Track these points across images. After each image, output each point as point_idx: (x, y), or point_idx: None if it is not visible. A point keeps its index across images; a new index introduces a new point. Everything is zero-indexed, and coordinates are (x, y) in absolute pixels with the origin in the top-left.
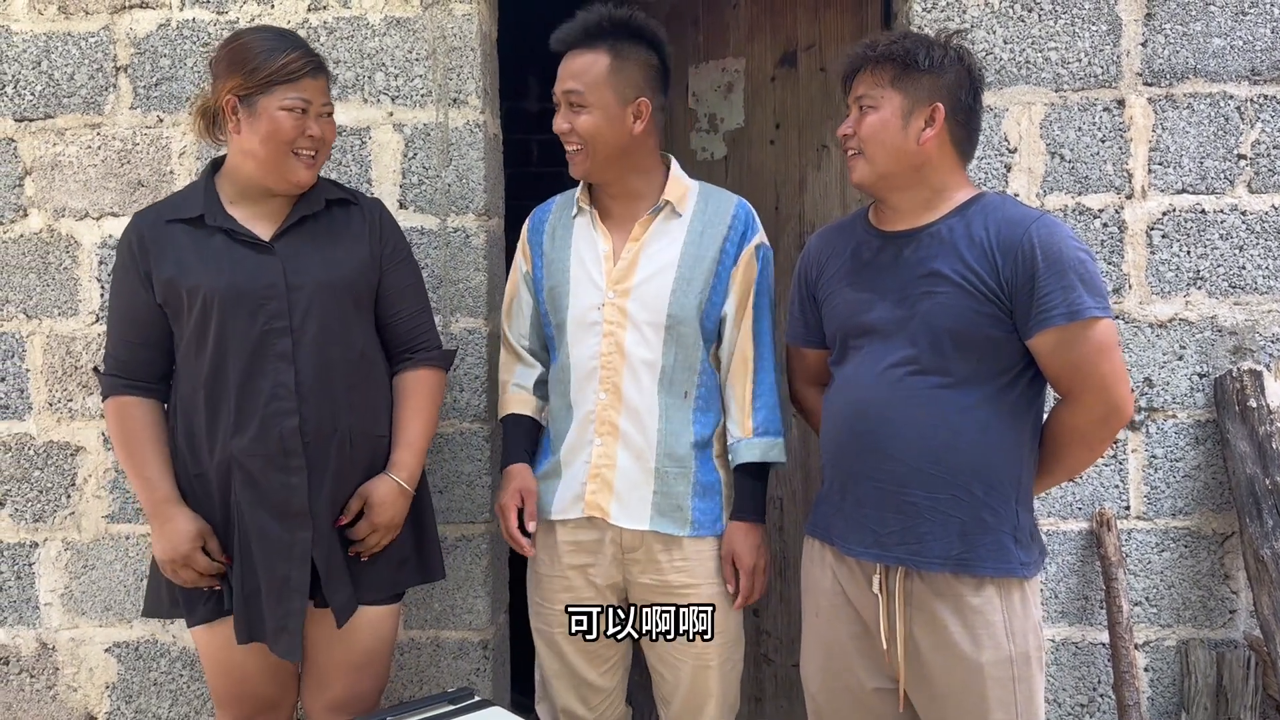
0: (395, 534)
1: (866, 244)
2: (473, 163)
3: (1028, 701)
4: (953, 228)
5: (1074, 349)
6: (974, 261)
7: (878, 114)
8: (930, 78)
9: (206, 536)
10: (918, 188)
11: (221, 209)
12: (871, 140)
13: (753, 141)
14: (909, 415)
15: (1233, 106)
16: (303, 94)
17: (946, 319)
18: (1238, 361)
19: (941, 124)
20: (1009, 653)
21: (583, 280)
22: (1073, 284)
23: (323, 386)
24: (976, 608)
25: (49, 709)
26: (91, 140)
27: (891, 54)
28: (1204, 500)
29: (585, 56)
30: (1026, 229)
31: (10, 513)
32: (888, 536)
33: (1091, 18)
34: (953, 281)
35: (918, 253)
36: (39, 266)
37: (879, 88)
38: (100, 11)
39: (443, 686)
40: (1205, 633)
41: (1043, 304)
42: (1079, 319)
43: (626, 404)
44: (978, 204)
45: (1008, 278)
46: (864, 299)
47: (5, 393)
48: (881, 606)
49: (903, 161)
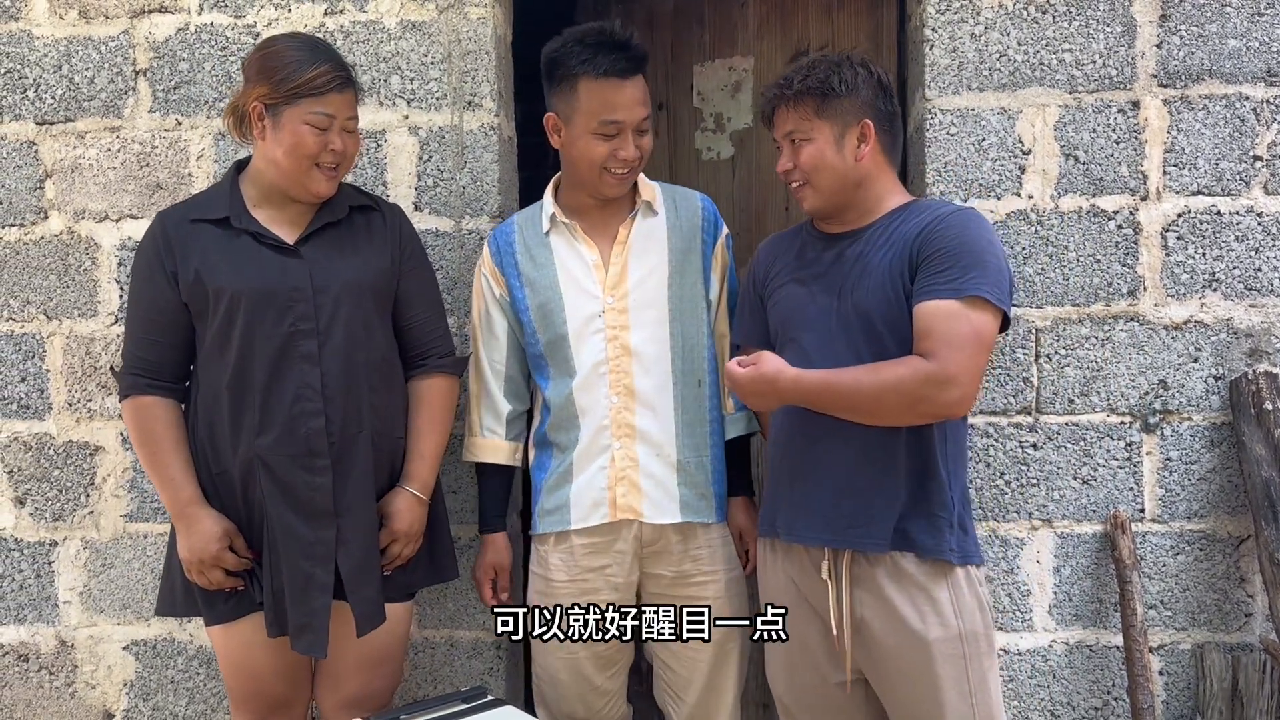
0: (417, 544)
1: (811, 245)
2: (487, 165)
3: (980, 682)
4: (887, 226)
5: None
6: (899, 253)
7: (813, 145)
8: (850, 100)
9: (232, 535)
10: (862, 197)
11: (246, 211)
12: (813, 170)
13: (761, 141)
14: None
15: (1248, 108)
16: (327, 109)
17: (876, 304)
18: (1253, 364)
19: (874, 137)
20: (957, 629)
21: (576, 293)
22: (969, 266)
23: (347, 388)
24: (921, 585)
25: (67, 706)
26: (111, 143)
27: (808, 88)
28: (1219, 503)
29: (639, 80)
30: (943, 216)
31: (30, 511)
32: (838, 520)
33: (1106, 19)
34: (883, 273)
35: (856, 249)
36: (59, 268)
37: (805, 121)
38: (120, 16)
39: (456, 685)
40: (1220, 636)
41: (937, 277)
42: (966, 295)
43: (641, 402)
44: (914, 205)
45: (914, 257)
46: (806, 293)
47: (25, 393)
48: (830, 591)
49: (846, 180)
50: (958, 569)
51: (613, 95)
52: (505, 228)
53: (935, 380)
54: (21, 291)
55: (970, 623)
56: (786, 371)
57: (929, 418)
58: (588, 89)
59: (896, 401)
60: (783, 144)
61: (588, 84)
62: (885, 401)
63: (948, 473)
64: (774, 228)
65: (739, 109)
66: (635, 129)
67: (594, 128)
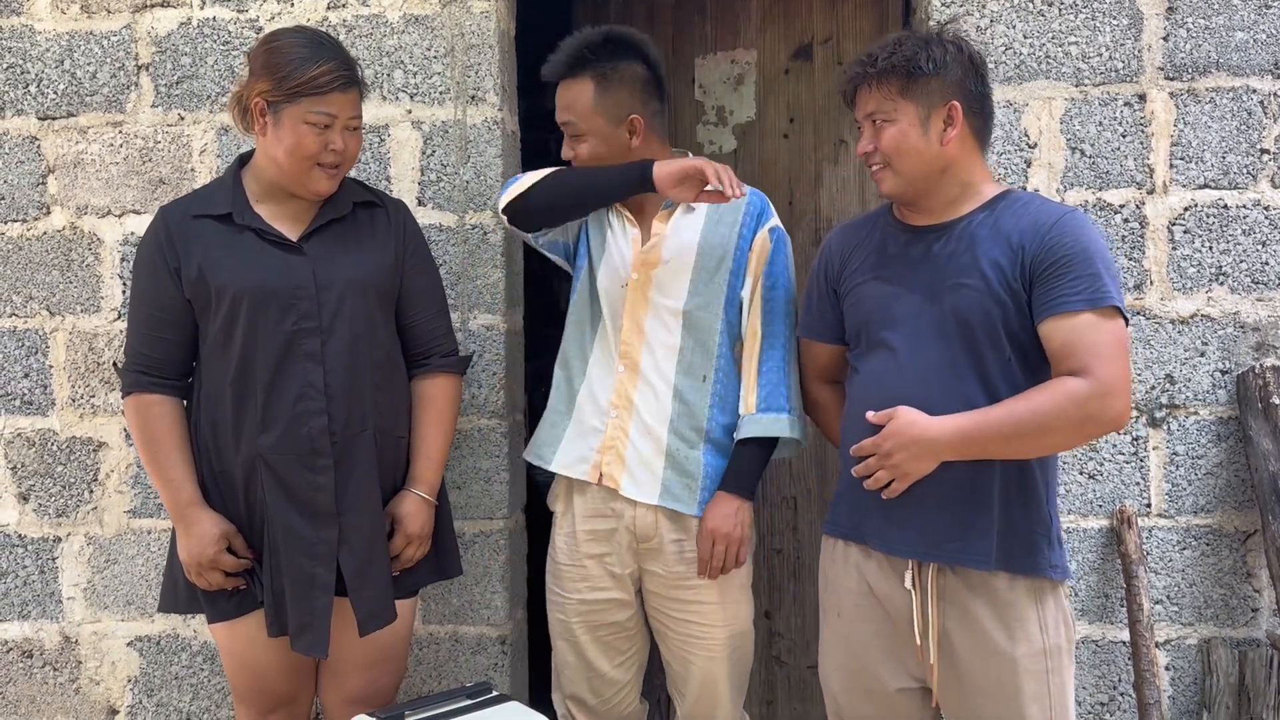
0: (427, 545)
1: (893, 238)
2: (490, 160)
3: (1060, 693)
4: (982, 222)
5: (1090, 333)
6: (1002, 254)
7: (895, 127)
8: (938, 79)
9: (231, 537)
10: (947, 186)
11: (249, 207)
12: (895, 153)
13: (764, 135)
14: (948, 413)
15: (1255, 101)
16: (329, 108)
17: (977, 312)
18: (1260, 358)
19: (961, 121)
20: (1042, 645)
21: (614, 254)
22: (1099, 273)
23: (351, 386)
24: (1010, 602)
25: (71, 702)
26: (113, 138)
27: (893, 66)
28: (1226, 498)
29: (573, 87)
30: (1057, 219)
31: (34, 507)
32: (935, 534)
33: (1112, 12)
34: (983, 275)
35: (947, 247)
36: (62, 264)
37: (889, 101)
38: (122, 10)
39: (461, 681)
40: (1227, 631)
41: (1068, 288)
42: (1100, 305)
43: (644, 380)
44: (1005, 199)
45: (1031, 265)
46: (892, 292)
47: (29, 389)
48: (915, 602)
49: (930, 166)
50: (1048, 586)
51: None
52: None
53: (1099, 397)
54: (24, 287)
55: (1055, 637)
56: (932, 425)
57: (1094, 437)
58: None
59: (1064, 427)
60: (863, 124)
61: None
62: (1052, 431)
63: (1045, 486)
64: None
65: (741, 102)
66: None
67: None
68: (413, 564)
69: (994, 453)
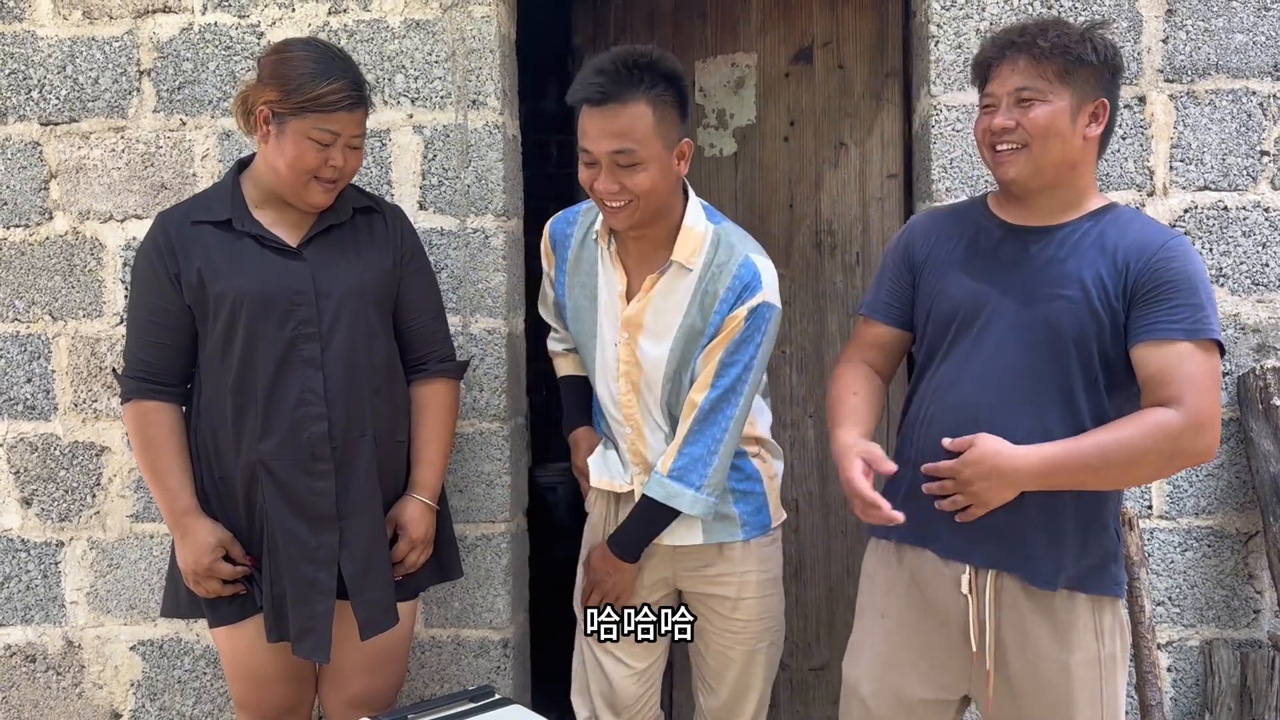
0: (429, 550)
1: (987, 233)
2: (492, 164)
3: (1113, 701)
4: (1086, 232)
5: (1188, 364)
6: (1105, 269)
7: (1049, 107)
8: (1095, 72)
9: (228, 545)
10: (1066, 186)
11: (248, 213)
12: (1042, 134)
13: (765, 138)
14: (1027, 424)
15: (1255, 102)
16: (333, 126)
17: (1072, 326)
18: (1261, 360)
19: (1105, 120)
20: (1097, 653)
21: (607, 313)
22: (1202, 304)
23: (350, 392)
24: (1069, 613)
25: (75, 706)
26: (115, 143)
27: (1062, 46)
28: (1227, 499)
29: (627, 111)
30: (1165, 242)
31: (37, 512)
32: (1000, 542)
33: (1112, 14)
34: (1083, 287)
35: (1047, 251)
36: (64, 269)
37: (1044, 80)
38: (124, 16)
39: (463, 685)
40: (1229, 633)
41: (1169, 315)
42: (1199, 338)
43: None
44: (1111, 212)
45: (1133, 285)
46: (981, 289)
47: (31, 393)
48: (972, 607)
49: (1066, 158)
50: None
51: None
52: (569, 215)
53: (1192, 430)
54: (27, 292)
55: (1110, 645)
56: (1017, 456)
57: (1181, 469)
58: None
59: (1154, 461)
60: (1001, 99)
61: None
62: (1141, 464)
63: (1115, 504)
64: (776, 225)
65: (741, 105)
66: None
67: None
68: (414, 570)
69: (1078, 484)
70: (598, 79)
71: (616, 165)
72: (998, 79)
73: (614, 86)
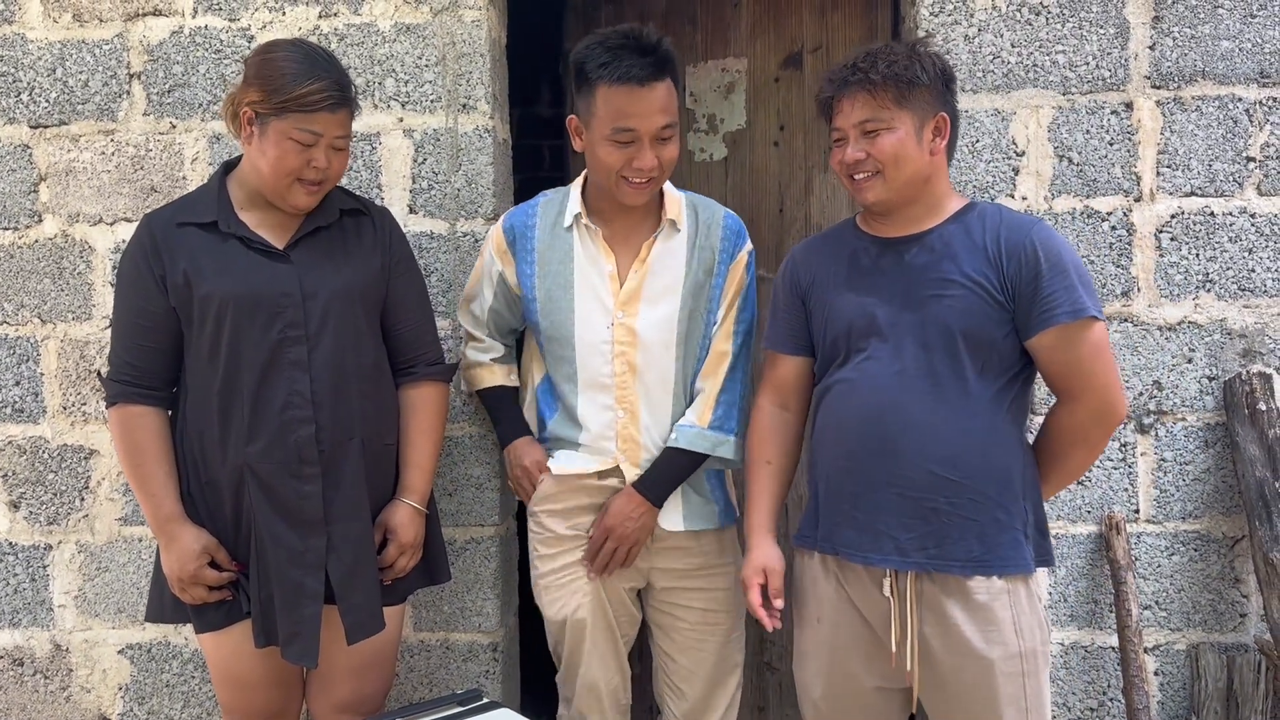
0: (419, 554)
1: (864, 251)
2: (482, 168)
3: (1036, 696)
4: (954, 233)
5: (1074, 347)
6: (980, 264)
7: (894, 135)
8: (929, 90)
9: (213, 550)
10: (924, 197)
11: (234, 215)
12: (892, 160)
13: (755, 143)
14: (927, 419)
15: (1241, 109)
16: (315, 127)
17: (959, 320)
18: (1247, 364)
19: (947, 132)
20: (1018, 648)
21: (590, 299)
22: (1074, 284)
23: (337, 395)
24: (985, 604)
25: (62, 710)
26: (105, 146)
27: (894, 74)
28: (1214, 503)
29: (659, 88)
30: (1028, 233)
31: (25, 515)
32: (908, 543)
33: (1099, 21)
34: (961, 284)
35: (920, 257)
36: (53, 271)
37: (885, 110)
38: (114, 19)
39: (452, 688)
40: (1215, 636)
41: (1047, 303)
42: (1080, 317)
43: (644, 421)
44: (974, 210)
45: (1011, 279)
46: (868, 302)
47: (20, 396)
48: (894, 609)
49: (919, 174)
50: (1021, 585)
51: (628, 102)
52: (526, 209)
53: (1117, 420)
54: (16, 295)
55: (1030, 641)
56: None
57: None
58: (604, 94)
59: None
60: (849, 132)
61: (604, 89)
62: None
63: (1022, 481)
64: (766, 229)
65: (732, 110)
66: (654, 137)
67: (608, 134)
68: (403, 574)
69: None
70: (640, 58)
71: (658, 140)
72: (841, 114)
73: (659, 66)
